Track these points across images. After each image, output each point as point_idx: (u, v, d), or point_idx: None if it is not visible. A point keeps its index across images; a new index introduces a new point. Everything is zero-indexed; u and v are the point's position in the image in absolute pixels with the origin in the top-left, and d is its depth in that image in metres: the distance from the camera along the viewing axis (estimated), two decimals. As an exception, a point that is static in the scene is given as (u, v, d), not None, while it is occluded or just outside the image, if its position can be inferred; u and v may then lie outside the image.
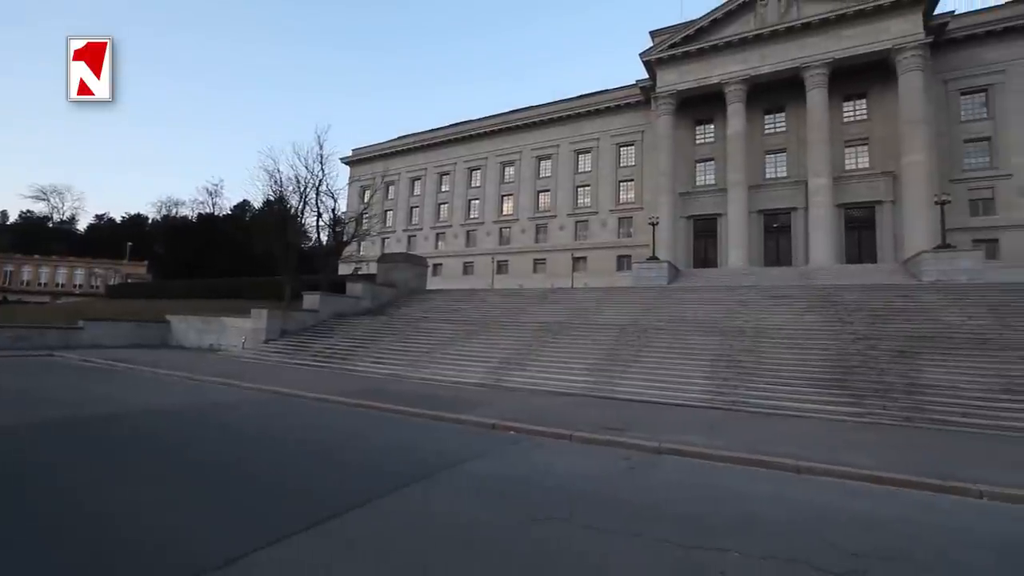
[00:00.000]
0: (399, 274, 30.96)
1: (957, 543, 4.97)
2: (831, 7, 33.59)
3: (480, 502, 5.55)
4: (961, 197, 32.08)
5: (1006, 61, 32.61)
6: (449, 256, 53.95)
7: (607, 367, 15.32)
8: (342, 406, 11.82)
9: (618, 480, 6.67)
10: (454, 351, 18.91)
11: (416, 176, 58.91)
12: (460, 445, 8.24)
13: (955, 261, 24.48)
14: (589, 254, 45.16)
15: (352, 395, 12.69)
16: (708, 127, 40.61)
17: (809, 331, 16.52)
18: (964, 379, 12.12)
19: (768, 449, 8.23)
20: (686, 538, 4.62)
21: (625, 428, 9.44)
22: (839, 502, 6.12)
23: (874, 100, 34.99)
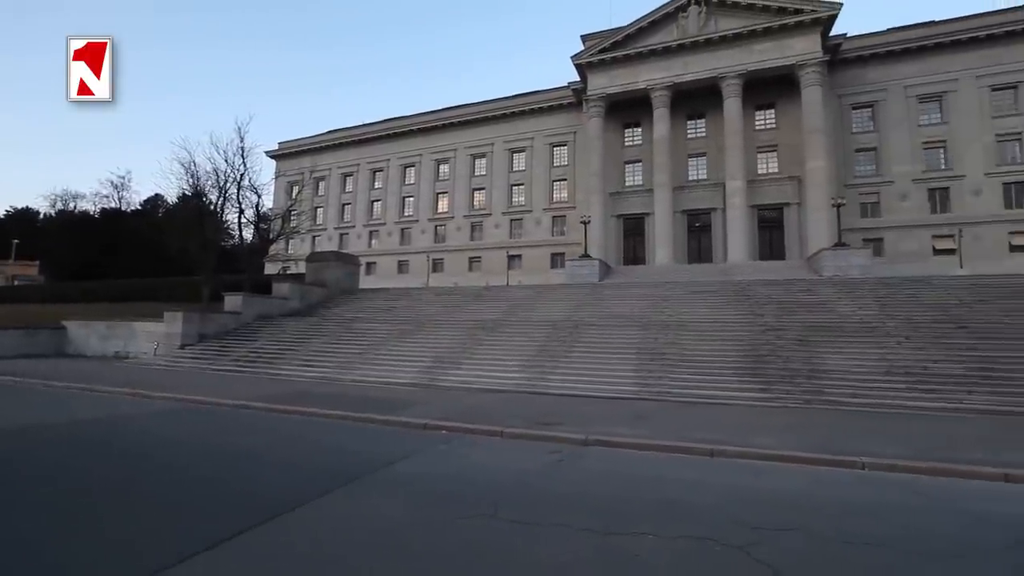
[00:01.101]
0: (330, 273, 29.87)
1: (842, 511, 5.54)
2: (743, 23, 36.12)
3: (407, 503, 5.51)
4: (854, 200, 35.66)
5: (886, 81, 36.69)
6: (383, 254, 52.67)
7: (540, 363, 15.65)
8: (266, 412, 11.27)
9: (546, 473, 6.84)
10: (387, 351, 18.55)
11: (348, 172, 56.96)
12: (389, 447, 8.12)
13: (849, 258, 27.24)
14: (524, 252, 45.75)
15: (277, 400, 12.13)
16: (636, 130, 42.36)
17: (726, 324, 17.73)
18: (854, 364, 13.53)
19: (687, 436, 8.77)
20: (607, 525, 4.82)
21: (555, 422, 9.70)
22: (747, 481, 6.63)
23: (782, 110, 38.03)
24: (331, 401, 12.07)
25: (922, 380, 12.43)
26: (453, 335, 19.41)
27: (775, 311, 18.37)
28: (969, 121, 35.02)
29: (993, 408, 11.02)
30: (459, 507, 5.31)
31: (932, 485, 6.59)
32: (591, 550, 4.31)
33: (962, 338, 14.44)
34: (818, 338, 15.37)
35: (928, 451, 7.84)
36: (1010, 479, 6.76)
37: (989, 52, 34.96)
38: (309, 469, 6.85)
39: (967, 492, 6.33)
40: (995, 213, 33.82)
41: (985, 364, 12.80)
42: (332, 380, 16.20)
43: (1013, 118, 34.34)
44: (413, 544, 4.42)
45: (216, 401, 12.20)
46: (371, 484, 6.18)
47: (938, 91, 35.93)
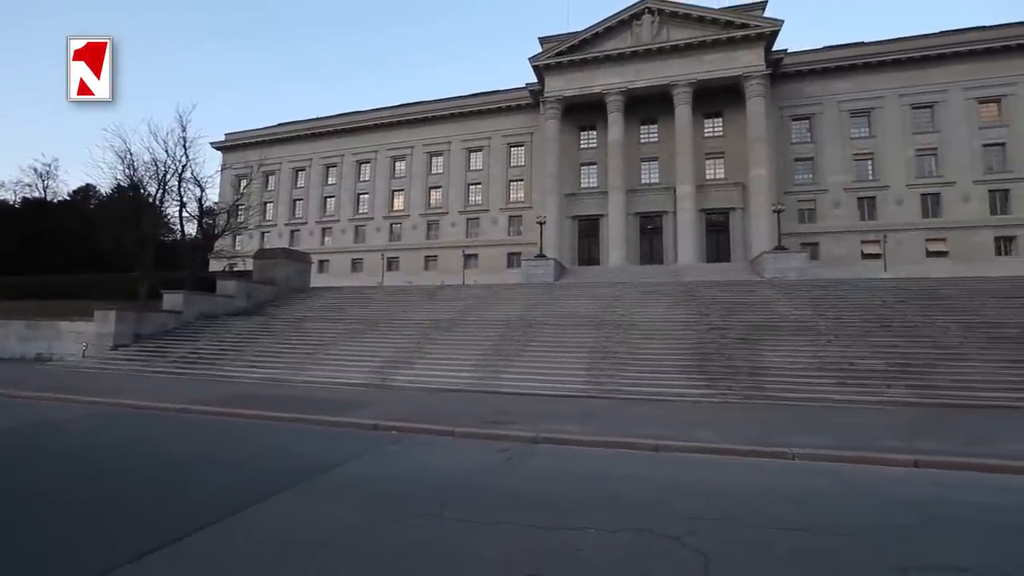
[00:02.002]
0: (279, 271, 28.86)
1: (771, 499, 5.91)
2: (694, 34, 37.59)
3: (352, 505, 5.45)
4: (793, 207, 37.82)
5: (822, 95, 39.19)
6: (336, 252, 51.35)
7: (493, 362, 15.74)
8: (207, 416, 10.81)
9: (494, 472, 6.92)
10: (338, 351, 18.15)
11: (300, 167, 55.13)
12: (338, 448, 7.98)
13: (788, 261, 28.88)
14: (480, 251, 45.75)
15: (220, 403, 11.65)
16: (591, 133, 43.21)
17: (675, 323, 18.41)
18: (790, 360, 14.38)
19: (634, 432, 9.09)
20: (551, 521, 4.93)
21: (507, 421, 9.81)
22: (687, 475, 6.93)
23: (729, 119, 39.80)
24: (278, 403, 11.71)
25: (849, 375, 13.36)
26: (407, 334, 19.21)
27: (720, 311, 19.23)
28: (893, 136, 37.87)
29: (909, 400, 11.98)
30: (406, 508, 5.30)
31: (852, 472, 7.10)
32: (534, 545, 4.41)
33: (884, 336, 15.62)
34: (758, 337, 16.23)
35: (851, 441, 8.45)
36: (919, 464, 7.40)
37: (910, 73, 37.95)
38: (252, 473, 6.65)
39: (882, 478, 6.87)
40: (914, 221, 36.77)
41: (903, 360, 13.90)
42: (280, 381, 15.69)
43: (930, 135, 37.44)
44: (357, 546, 4.39)
45: (153, 405, 11.58)
46: (317, 486, 6.07)
47: (867, 107, 38.63)
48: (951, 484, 6.58)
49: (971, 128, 36.82)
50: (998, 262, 33.64)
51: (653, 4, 38.89)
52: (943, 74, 37.44)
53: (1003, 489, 6.39)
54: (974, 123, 36.85)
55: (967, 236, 35.69)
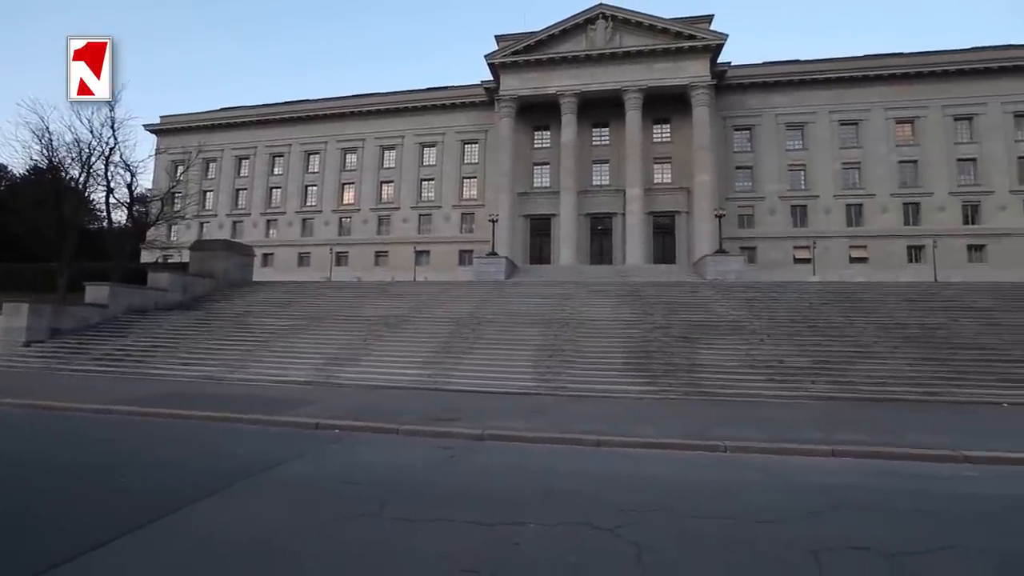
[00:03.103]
0: (218, 263, 27.42)
1: (702, 490, 6.22)
2: (645, 42, 38.81)
3: (288, 505, 5.31)
4: (733, 212, 39.84)
5: (761, 108, 41.51)
6: (282, 245, 49.41)
7: (442, 359, 15.67)
8: (133, 417, 10.16)
9: (437, 469, 6.92)
10: (281, 348, 17.51)
11: (244, 155, 52.57)
12: (276, 448, 7.72)
13: (727, 264, 30.39)
14: (432, 248, 45.33)
15: (149, 403, 10.98)
16: (545, 133, 43.73)
17: (621, 322, 18.95)
18: (725, 358, 15.15)
19: (577, 428, 9.31)
20: (492, 517, 4.99)
21: (453, 418, 9.81)
22: (627, 468, 7.18)
23: (676, 126, 41.36)
24: (214, 402, 11.17)
25: (778, 372, 14.24)
26: (354, 331, 18.78)
27: (663, 311, 19.96)
28: (823, 149, 40.63)
29: (830, 394, 12.91)
30: (344, 507, 5.22)
31: (776, 463, 7.59)
32: (473, 542, 4.46)
33: (809, 335, 16.76)
34: (698, 335, 16.99)
35: (777, 434, 9.01)
36: (836, 454, 8.01)
37: (838, 91, 40.86)
38: (181, 476, 6.33)
39: (803, 467, 7.38)
40: (840, 230, 39.66)
41: (825, 357, 14.96)
42: (217, 379, 14.96)
43: (854, 150, 40.50)
44: (291, 547, 4.29)
45: (69, 406, 10.75)
46: (251, 487, 5.87)
47: (801, 121, 41.22)
48: (862, 471, 7.18)
49: (889, 145, 40.10)
50: (909, 268, 36.85)
51: (607, 10, 39.80)
52: (867, 94, 40.54)
53: (905, 475, 7.03)
54: (892, 141, 40.17)
55: (884, 244, 38.87)
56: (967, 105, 39.43)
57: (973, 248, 38.15)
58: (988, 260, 37.32)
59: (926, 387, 13.06)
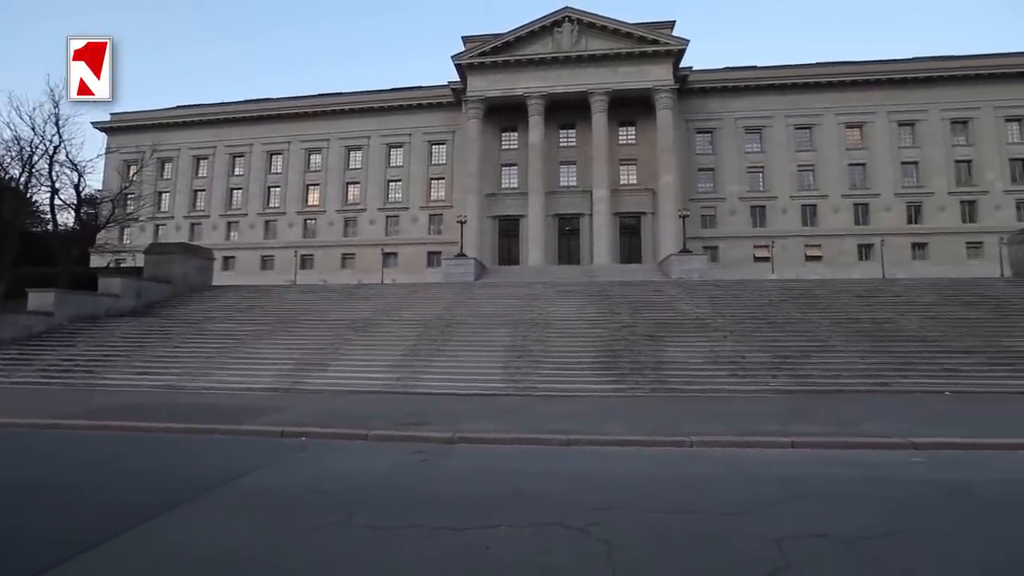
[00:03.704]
0: (176, 268, 26.31)
1: (670, 485, 6.36)
2: (610, 45, 39.49)
3: (252, 517, 5.16)
4: (697, 213, 40.93)
5: (722, 111, 42.87)
6: (244, 248, 47.88)
7: (411, 362, 15.52)
8: (83, 431, 9.64)
9: (407, 474, 6.84)
10: (244, 354, 16.98)
11: (202, 155, 50.64)
12: (238, 458, 7.47)
13: (691, 263, 31.21)
14: (400, 250, 44.84)
15: (101, 415, 10.46)
16: (513, 135, 43.89)
17: (588, 321, 19.19)
18: (690, 355, 15.55)
19: (547, 428, 9.38)
20: (462, 521, 4.95)
21: (423, 422, 9.73)
22: (596, 467, 7.27)
23: (641, 128, 42.22)
24: (173, 412, 10.73)
25: (740, 368, 14.71)
26: (320, 335, 18.38)
27: (630, 310, 20.32)
28: (780, 152, 42.24)
29: (789, 388, 13.42)
30: (311, 517, 5.09)
31: (740, 456, 7.84)
32: (443, 547, 4.42)
33: (769, 332, 17.38)
34: (663, 334, 17.37)
35: (739, 427, 9.32)
36: (795, 445, 8.33)
37: (794, 97, 42.56)
38: (138, 490, 6.05)
39: (765, 459, 7.65)
40: (796, 229, 41.33)
41: (784, 352, 15.55)
42: (176, 389, 14.37)
43: (809, 153, 42.33)
44: (256, 560, 4.16)
45: (13, 421, 10.11)
46: (214, 500, 5.66)
47: (759, 124, 42.74)
48: (820, 461, 7.49)
49: (840, 149, 42.05)
50: (859, 266, 38.69)
51: (573, 14, 40.28)
52: (819, 100, 42.40)
53: (859, 463, 7.37)
54: (843, 145, 42.16)
55: (837, 243, 40.71)
56: (910, 112, 41.72)
57: (916, 246, 40.40)
58: (930, 257, 39.57)
59: (876, 378, 13.75)
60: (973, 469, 7.03)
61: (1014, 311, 18.71)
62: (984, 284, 23.09)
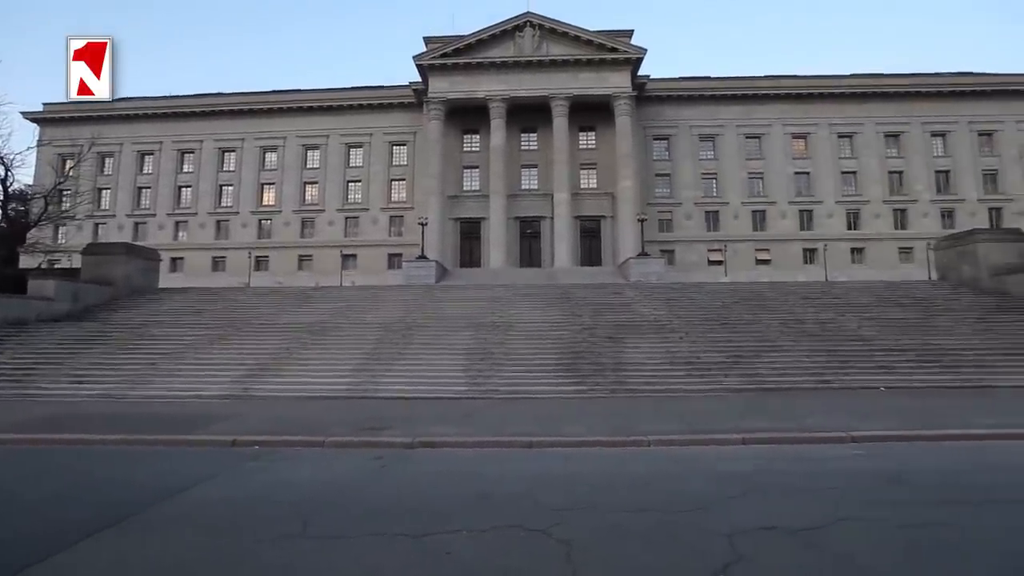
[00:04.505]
0: (118, 269, 24.80)
1: (628, 484, 6.48)
2: (571, 52, 40.15)
3: (198, 532, 4.91)
4: (654, 217, 42.10)
5: (678, 119, 44.37)
6: (194, 249, 45.70)
7: (371, 366, 15.23)
8: (12, 445, 8.94)
9: (366, 481, 6.71)
10: (193, 360, 16.22)
11: (147, 150, 47.98)
12: (185, 471, 7.11)
13: (649, 266, 32.06)
14: (360, 252, 43.94)
15: (29, 428, 9.74)
16: (475, 137, 43.85)
17: (550, 324, 19.37)
18: (648, 356, 15.95)
19: (509, 430, 9.41)
20: (423, 527, 4.89)
21: (383, 427, 9.56)
22: (557, 468, 7.33)
23: (600, 134, 43.06)
24: (112, 422, 10.10)
25: (695, 367, 15.20)
26: (276, 339, 17.77)
27: (591, 312, 20.64)
28: (732, 160, 44.05)
29: (741, 387, 13.96)
30: (262, 529, 4.90)
31: (695, 453, 8.11)
32: (403, 554, 4.36)
33: (723, 332, 18.04)
34: (623, 335, 17.74)
35: (695, 426, 9.63)
36: (746, 441, 8.67)
37: (744, 107, 44.53)
38: (71, 508, 5.63)
39: (718, 456, 7.93)
40: (747, 234, 43.19)
41: (736, 352, 16.17)
42: (117, 397, 13.54)
43: (758, 161, 44.39)
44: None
45: (-74, 436, 9.27)
46: (156, 516, 5.36)
47: (712, 133, 44.43)
48: (769, 456, 7.84)
49: (787, 158, 44.27)
50: (804, 269, 40.75)
51: (535, 19, 40.67)
52: (768, 111, 44.49)
53: (804, 457, 7.76)
54: (789, 154, 44.41)
55: (784, 248, 42.78)
56: (848, 124, 44.39)
57: (855, 251, 42.98)
58: (866, 262, 42.15)
59: (820, 376, 14.51)
60: (906, 459, 7.52)
61: (939, 312, 20.17)
62: (913, 287, 24.76)
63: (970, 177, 43.69)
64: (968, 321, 18.99)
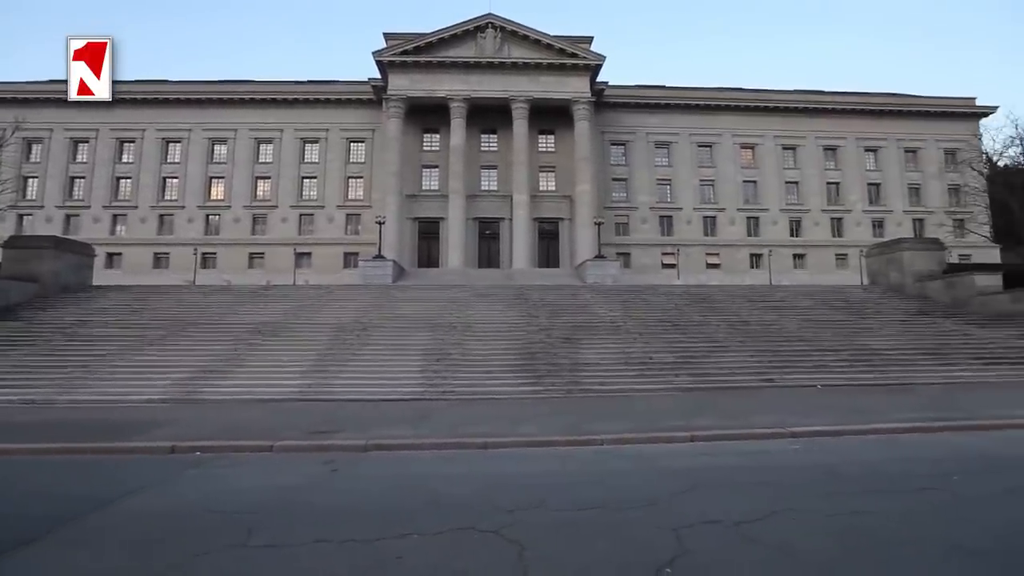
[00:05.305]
0: (45, 264, 23.02)
1: (581, 483, 6.59)
2: (532, 55, 40.51)
3: (128, 546, 4.62)
4: (611, 220, 43.03)
5: (634, 126, 45.60)
6: (133, 244, 43.07)
7: (324, 367, 14.86)
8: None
9: (316, 487, 6.54)
10: (130, 363, 15.33)
11: (81, 137, 44.79)
12: (117, 480, 6.71)
13: (605, 268, 32.74)
14: (315, 250, 42.68)
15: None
16: (434, 136, 43.48)
17: (507, 324, 19.47)
18: (603, 356, 16.29)
19: (464, 431, 9.39)
20: (373, 532, 4.80)
21: (335, 430, 9.34)
22: (511, 468, 7.39)
23: (560, 137, 43.65)
24: (37, 430, 9.40)
25: (648, 367, 15.65)
26: (223, 340, 17.02)
27: (548, 313, 20.87)
28: (685, 167, 45.65)
29: (691, 386, 14.48)
30: (201, 541, 4.66)
31: (646, 451, 8.33)
32: (352, 561, 4.27)
33: (674, 333, 18.67)
34: (579, 336, 18.04)
35: (646, 424, 9.91)
36: (694, 439, 9.00)
37: (696, 116, 46.08)
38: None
39: (667, 453, 8.18)
40: (699, 239, 44.88)
41: (687, 353, 16.77)
42: (42, 403, 12.61)
43: (710, 169, 46.23)
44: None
45: None
46: (82, 530, 5.01)
47: (667, 140, 45.90)
48: (714, 453, 8.18)
49: (736, 167, 46.29)
50: (751, 273, 42.69)
51: (496, 20, 40.74)
52: (719, 121, 46.27)
53: (747, 452, 8.16)
54: (738, 163, 46.47)
55: (732, 253, 44.70)
56: (792, 137, 46.82)
57: (797, 257, 45.42)
58: (807, 267, 44.62)
59: (763, 374, 15.25)
60: (838, 453, 8.02)
61: (870, 314, 21.63)
62: (847, 291, 26.42)
63: (897, 190, 47.08)
64: (894, 324, 20.45)
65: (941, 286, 23.98)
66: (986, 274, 23.65)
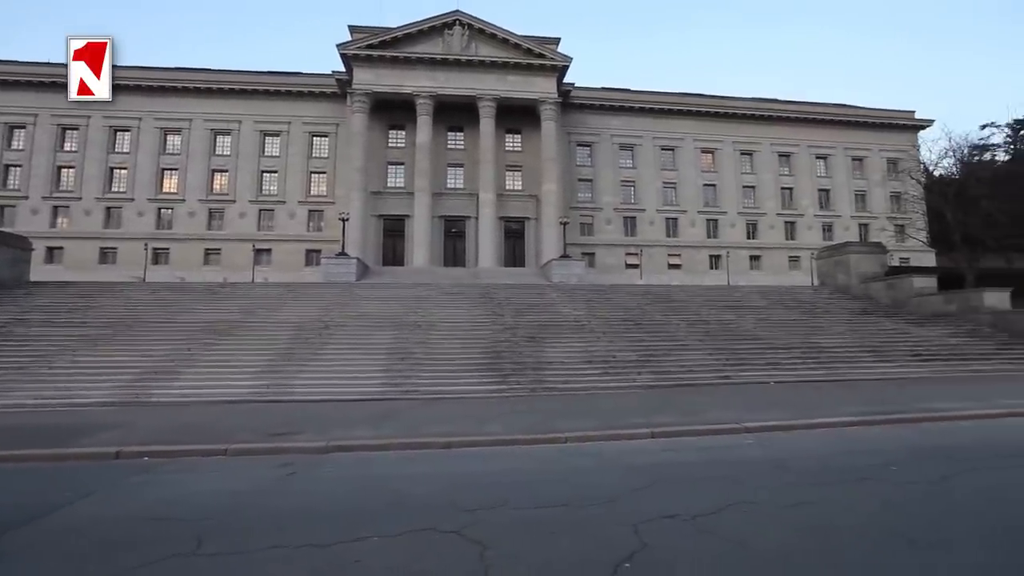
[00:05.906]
0: (-28, 259, 21.53)
1: (544, 481, 6.63)
2: (499, 54, 40.45)
3: (67, 560, 4.35)
4: (576, 220, 43.50)
5: (600, 128, 46.24)
6: (76, 238, 40.57)
7: (283, 367, 14.44)
8: None
9: (272, 491, 6.33)
10: (71, 363, 14.49)
11: (17, 123, 41.89)
12: (55, 489, 6.29)
13: (570, 268, 33.10)
14: (275, 246, 41.38)
15: None
16: (400, 132, 42.85)
17: (472, 323, 19.41)
18: (567, 355, 16.47)
19: (427, 431, 9.30)
20: (331, 535, 4.69)
21: (294, 431, 9.08)
22: (474, 468, 7.34)
23: (526, 137, 43.76)
24: (-40, 438, 8.72)
25: (611, 366, 15.91)
26: (174, 339, 16.31)
27: (513, 312, 20.93)
28: (648, 169, 46.62)
29: (653, 384, 14.81)
30: (147, 550, 4.42)
31: (608, 448, 8.46)
32: (307, 567, 4.15)
33: (637, 332, 19.05)
34: (544, 335, 18.17)
35: (609, 421, 10.05)
36: (655, 435, 9.17)
37: (659, 120, 47.13)
38: None
39: (629, 450, 8.34)
40: (661, 240, 46.05)
41: (648, 351, 17.15)
42: (-33, 408, 11.73)
43: (672, 172, 47.43)
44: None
45: None
46: (14, 543, 4.69)
47: (631, 143, 46.75)
48: (673, 448, 8.37)
49: (697, 170, 47.62)
50: (710, 274, 44.05)
51: (464, 18, 40.46)
52: (680, 125, 47.45)
53: (704, 448, 8.40)
54: (699, 167, 47.82)
55: (693, 254, 45.99)
56: (749, 143, 48.52)
57: (753, 258, 47.15)
58: (763, 268, 46.39)
59: (720, 372, 15.76)
60: (790, 447, 8.36)
61: (819, 314, 22.71)
62: (799, 292, 27.67)
63: (845, 196, 49.56)
64: (841, 323, 21.53)
65: (883, 287, 25.43)
66: (923, 276, 25.23)
